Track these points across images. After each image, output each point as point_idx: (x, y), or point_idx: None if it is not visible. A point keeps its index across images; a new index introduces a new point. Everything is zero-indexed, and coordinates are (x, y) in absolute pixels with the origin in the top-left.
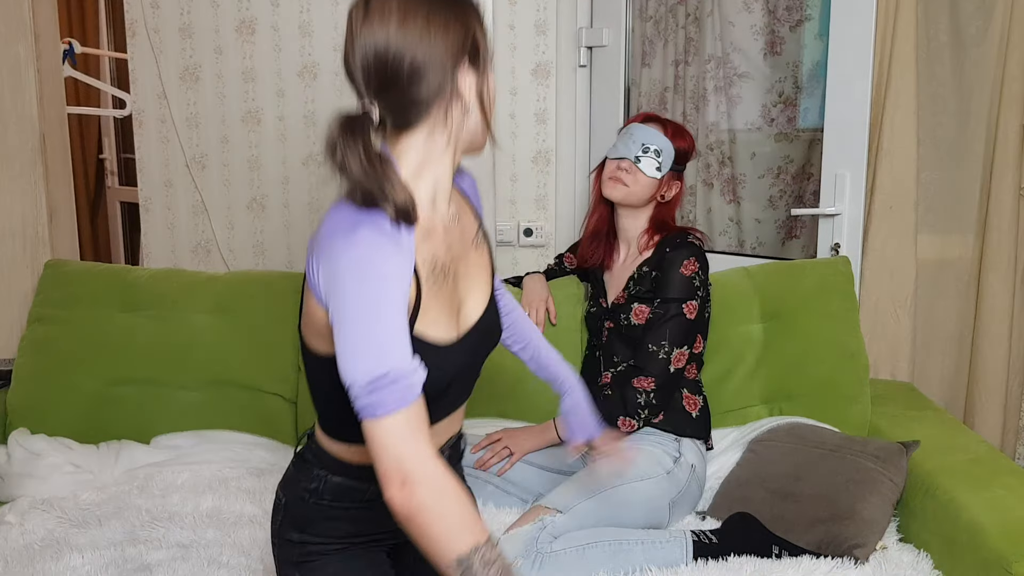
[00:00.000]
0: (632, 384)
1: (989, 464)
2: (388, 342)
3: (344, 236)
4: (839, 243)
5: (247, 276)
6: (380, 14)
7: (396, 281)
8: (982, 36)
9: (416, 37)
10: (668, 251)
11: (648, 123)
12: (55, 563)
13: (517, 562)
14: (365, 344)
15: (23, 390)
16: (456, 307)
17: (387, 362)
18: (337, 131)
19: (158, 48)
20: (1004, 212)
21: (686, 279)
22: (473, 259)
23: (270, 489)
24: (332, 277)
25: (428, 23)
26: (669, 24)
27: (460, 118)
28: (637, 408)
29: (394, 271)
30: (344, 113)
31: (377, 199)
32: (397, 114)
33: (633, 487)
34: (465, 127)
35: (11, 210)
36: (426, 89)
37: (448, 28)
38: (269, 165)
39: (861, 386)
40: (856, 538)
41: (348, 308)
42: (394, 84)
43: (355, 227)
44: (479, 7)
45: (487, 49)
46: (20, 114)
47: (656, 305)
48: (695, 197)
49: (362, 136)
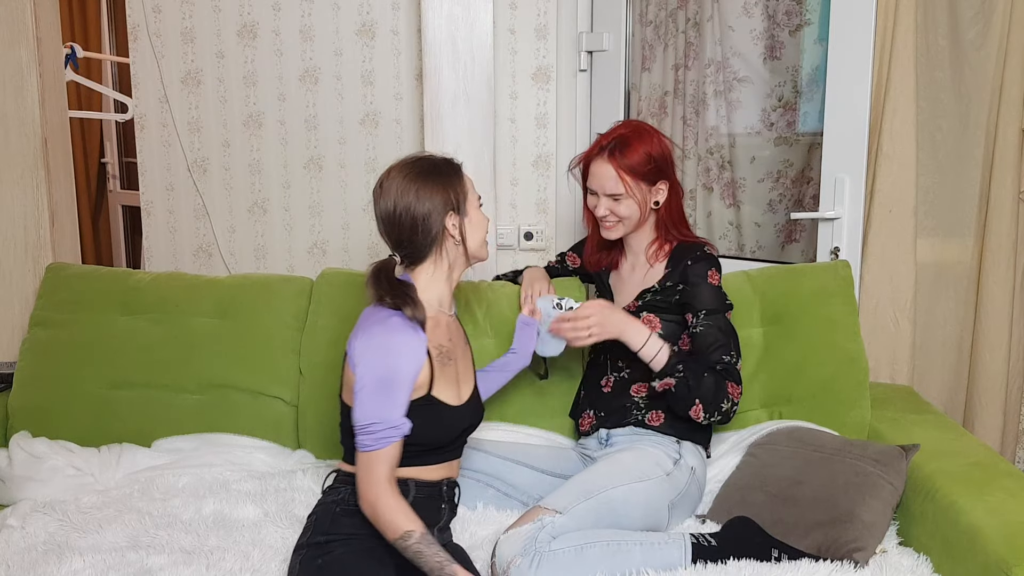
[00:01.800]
0: (727, 389)
1: (989, 468)
2: (388, 402)
3: (381, 322)
4: (839, 247)
5: (248, 280)
6: (388, 189)
7: (410, 357)
8: (981, 40)
9: (412, 201)
10: (689, 264)
11: (595, 162)
12: (57, 566)
13: (516, 560)
14: (371, 400)
15: (24, 393)
16: (457, 382)
17: (381, 415)
18: (372, 271)
19: (160, 52)
20: (1003, 216)
21: (717, 289)
22: (465, 350)
23: (271, 492)
24: (365, 348)
25: (419, 192)
26: (669, 28)
27: (454, 248)
28: (723, 412)
29: (410, 350)
30: (379, 261)
31: (402, 304)
32: (410, 254)
33: (632, 488)
34: (461, 252)
35: (13, 213)
36: (424, 235)
37: (434, 192)
38: (270, 169)
39: (861, 390)
40: (856, 542)
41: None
42: (402, 235)
43: (389, 317)
44: (460, 168)
45: (466, 197)
46: (22, 118)
47: (702, 317)
48: (695, 201)
49: (387, 274)
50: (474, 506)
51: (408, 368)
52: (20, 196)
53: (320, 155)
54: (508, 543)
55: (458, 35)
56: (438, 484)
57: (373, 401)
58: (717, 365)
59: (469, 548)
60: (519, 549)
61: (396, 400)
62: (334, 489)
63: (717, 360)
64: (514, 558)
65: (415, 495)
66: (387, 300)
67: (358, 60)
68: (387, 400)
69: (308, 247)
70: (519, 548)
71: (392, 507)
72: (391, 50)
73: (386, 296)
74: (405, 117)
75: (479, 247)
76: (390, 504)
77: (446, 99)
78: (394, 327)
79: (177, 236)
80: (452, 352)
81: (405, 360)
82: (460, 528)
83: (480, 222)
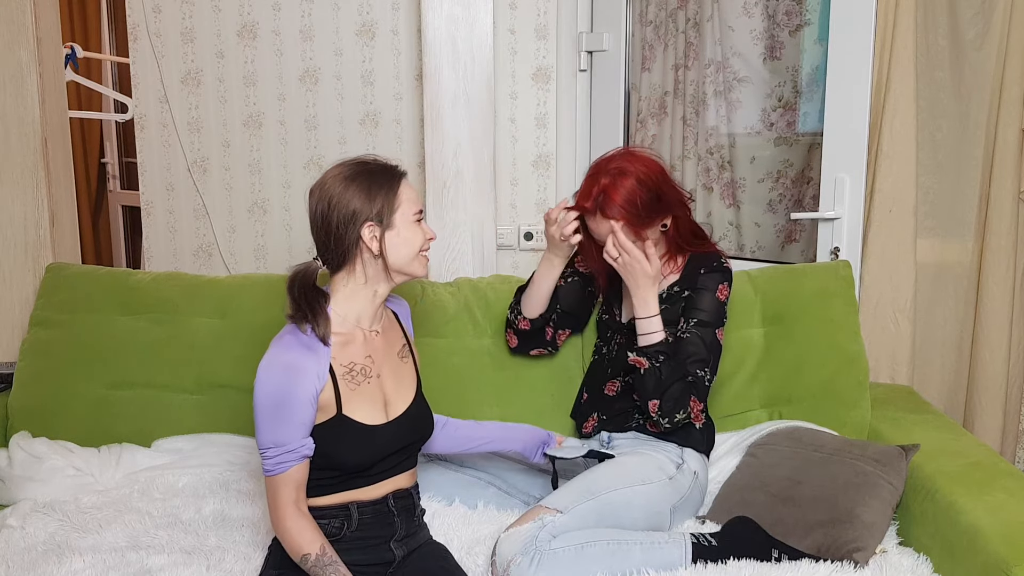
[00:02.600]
0: (688, 403)
1: (989, 468)
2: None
3: (277, 340)
4: (838, 247)
5: (248, 280)
6: (317, 187)
7: (303, 378)
8: (981, 40)
9: (330, 208)
10: (703, 272)
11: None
12: (57, 567)
13: (516, 559)
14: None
15: (24, 393)
16: (382, 399)
17: (276, 439)
18: (290, 276)
19: (160, 52)
20: (1003, 216)
21: (721, 304)
22: (398, 365)
23: None
24: (261, 368)
25: (340, 196)
26: (669, 29)
27: (372, 262)
28: (674, 421)
29: (303, 371)
30: (300, 265)
31: (300, 319)
32: (327, 261)
33: (635, 491)
34: (381, 266)
35: (13, 213)
36: (336, 243)
37: (355, 198)
38: (270, 169)
39: (861, 390)
40: (856, 542)
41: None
42: (319, 239)
43: (285, 334)
44: (400, 177)
45: (395, 208)
46: (22, 118)
47: (692, 325)
48: (695, 201)
49: (303, 280)
50: (475, 505)
51: (301, 391)
52: (20, 196)
53: (320, 155)
54: (508, 542)
55: (458, 35)
56: (383, 500)
57: (267, 425)
58: (689, 376)
59: (470, 545)
60: (519, 548)
61: (291, 422)
62: None
63: (691, 372)
64: (514, 557)
65: (359, 518)
66: (288, 312)
67: (358, 60)
68: (281, 424)
69: (308, 247)
70: (519, 547)
71: (293, 531)
72: (391, 50)
73: (291, 306)
74: (405, 117)
75: (406, 263)
76: (292, 528)
77: (446, 99)
78: (286, 345)
79: (177, 236)
80: (372, 369)
81: (298, 382)
82: (461, 526)
83: (411, 238)
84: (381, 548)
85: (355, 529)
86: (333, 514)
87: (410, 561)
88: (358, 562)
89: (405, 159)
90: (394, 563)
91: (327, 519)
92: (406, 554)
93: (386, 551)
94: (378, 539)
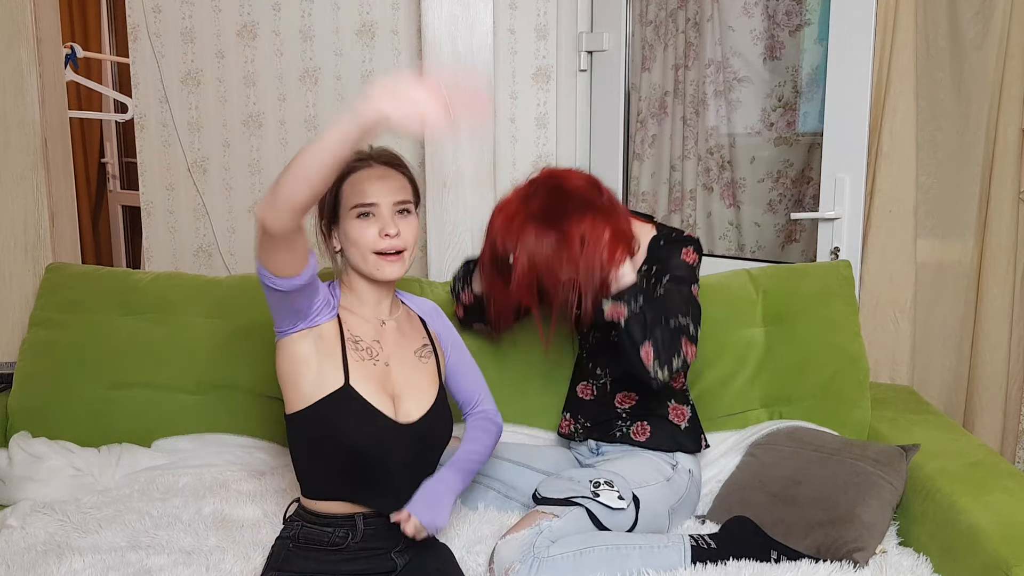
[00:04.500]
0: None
1: (989, 468)
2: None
3: None
4: (839, 247)
5: (248, 280)
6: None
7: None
8: (981, 40)
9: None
10: (662, 243)
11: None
12: (57, 567)
13: (515, 567)
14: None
15: (24, 393)
16: (391, 392)
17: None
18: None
19: (159, 52)
20: (1003, 216)
21: (689, 265)
22: (415, 365)
23: (271, 492)
24: None
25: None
26: (669, 29)
27: (341, 258)
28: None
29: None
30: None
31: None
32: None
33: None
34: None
35: (13, 213)
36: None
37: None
38: (270, 169)
39: (861, 390)
40: (856, 542)
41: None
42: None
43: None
44: (355, 166)
45: (339, 202)
46: (22, 118)
47: (665, 282)
48: (695, 201)
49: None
50: (475, 506)
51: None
52: (20, 196)
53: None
54: (506, 548)
55: (458, 35)
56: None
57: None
58: (671, 321)
59: (470, 544)
60: (518, 555)
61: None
62: (292, 523)
63: (673, 317)
64: (512, 564)
65: (364, 529)
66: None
67: (358, 60)
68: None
69: (308, 247)
70: (518, 554)
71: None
72: (391, 50)
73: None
74: None
75: (359, 264)
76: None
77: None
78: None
79: (177, 236)
80: (378, 353)
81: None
82: (462, 525)
83: (356, 237)
84: (383, 557)
85: (359, 540)
86: (338, 523)
87: (411, 564)
88: (360, 571)
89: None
90: (395, 571)
91: (332, 527)
92: (407, 561)
93: (387, 560)
94: (381, 549)
